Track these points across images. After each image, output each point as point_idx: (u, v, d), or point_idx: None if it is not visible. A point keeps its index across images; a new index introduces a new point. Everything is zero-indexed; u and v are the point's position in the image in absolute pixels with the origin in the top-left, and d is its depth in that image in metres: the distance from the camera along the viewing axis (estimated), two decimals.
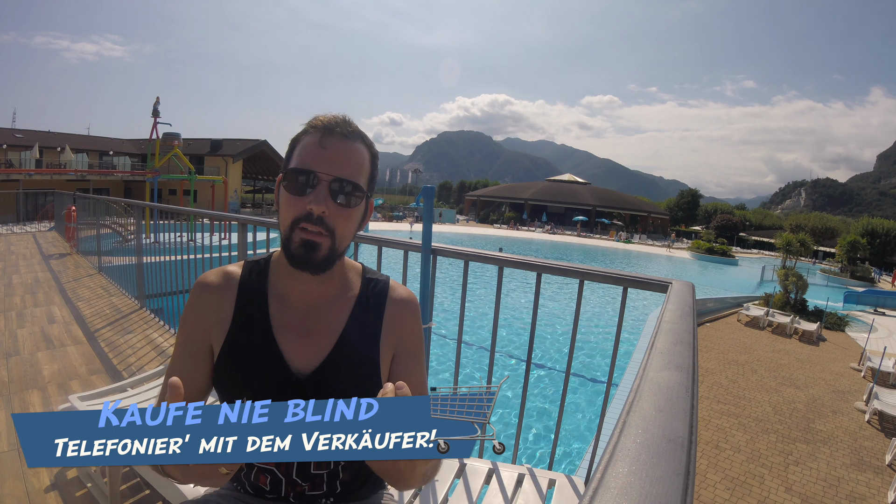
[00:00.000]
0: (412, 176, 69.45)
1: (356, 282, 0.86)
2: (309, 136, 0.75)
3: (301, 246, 0.73)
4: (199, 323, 0.81)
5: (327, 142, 0.74)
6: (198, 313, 0.81)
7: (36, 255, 7.54)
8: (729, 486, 4.94)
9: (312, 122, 0.76)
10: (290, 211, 0.73)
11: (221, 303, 0.81)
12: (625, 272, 1.51)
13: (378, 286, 0.87)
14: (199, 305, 0.81)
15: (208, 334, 0.80)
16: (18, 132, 28.19)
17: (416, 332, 0.87)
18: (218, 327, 0.80)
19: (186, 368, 0.79)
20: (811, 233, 38.30)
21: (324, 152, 0.73)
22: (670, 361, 0.62)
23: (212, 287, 0.82)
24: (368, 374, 0.81)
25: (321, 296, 0.82)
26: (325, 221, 0.72)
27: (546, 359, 7.62)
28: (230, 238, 3.64)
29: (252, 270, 0.84)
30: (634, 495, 0.33)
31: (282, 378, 0.77)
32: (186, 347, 0.81)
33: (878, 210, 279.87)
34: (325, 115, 0.77)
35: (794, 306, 14.08)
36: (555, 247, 30.10)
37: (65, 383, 2.71)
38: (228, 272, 0.84)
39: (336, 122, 0.75)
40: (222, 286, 0.82)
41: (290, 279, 0.80)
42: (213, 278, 0.83)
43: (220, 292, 0.82)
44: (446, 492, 1.36)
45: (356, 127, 0.77)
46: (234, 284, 0.82)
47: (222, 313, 0.81)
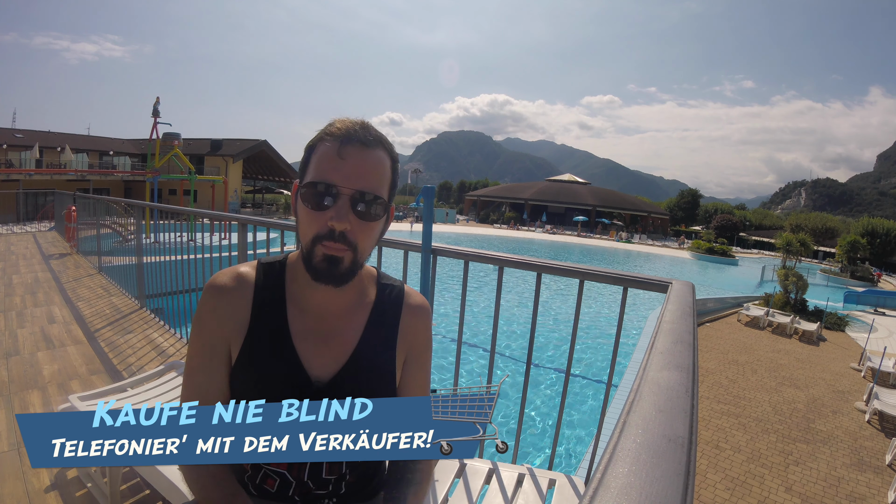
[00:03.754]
0: (412, 176, 69.45)
1: (372, 288, 0.85)
2: (326, 145, 0.71)
3: (323, 261, 0.71)
4: (217, 328, 0.78)
5: (346, 152, 0.70)
6: (215, 318, 0.78)
7: (36, 255, 7.54)
8: (729, 486, 4.94)
9: (329, 129, 0.73)
10: (311, 227, 0.71)
11: (238, 307, 0.79)
12: (625, 272, 1.51)
13: (394, 292, 0.86)
14: (216, 309, 0.79)
15: (226, 340, 0.78)
16: (18, 132, 28.19)
17: (427, 337, 0.88)
18: (236, 332, 0.78)
19: (211, 376, 0.78)
20: (811, 233, 38.30)
21: (343, 163, 0.70)
22: (670, 361, 0.62)
23: (227, 290, 0.79)
24: (385, 380, 0.82)
25: (339, 303, 0.81)
26: (348, 237, 0.70)
27: (546, 359, 7.62)
28: (230, 238, 3.64)
29: (267, 274, 0.82)
30: (634, 495, 0.33)
31: (301, 385, 0.76)
32: (207, 353, 0.78)
33: (878, 210, 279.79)
34: (343, 119, 0.74)
35: (794, 306, 14.08)
36: (555, 247, 30.09)
37: (65, 383, 2.71)
38: (242, 274, 0.81)
39: (355, 129, 0.71)
40: (237, 289, 0.79)
41: (308, 287, 0.78)
42: (227, 281, 0.80)
43: (236, 296, 0.79)
44: (446, 492, 1.36)
45: (376, 132, 0.74)
46: (249, 287, 0.80)
47: (239, 318, 0.78)
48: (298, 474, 0.79)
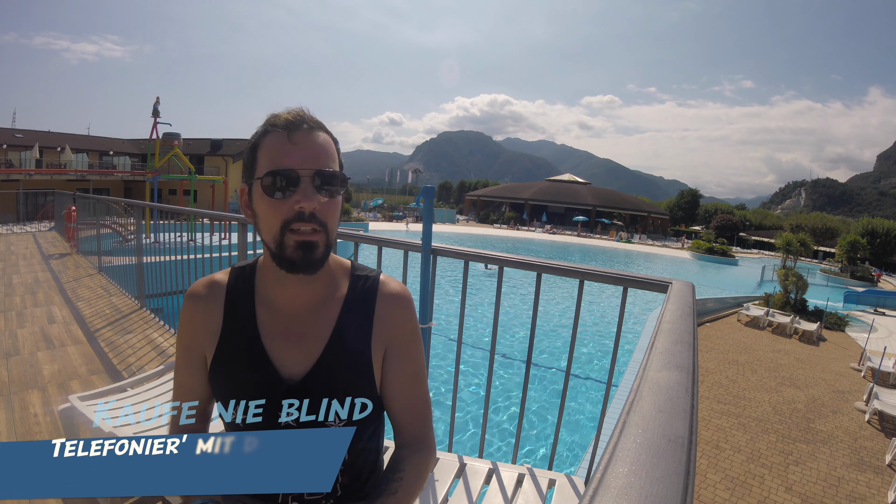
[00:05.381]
0: (412, 176, 69.42)
1: (344, 281, 0.84)
2: (273, 136, 0.72)
3: (298, 248, 0.71)
4: (192, 334, 0.83)
5: (296, 137, 0.72)
6: (190, 324, 0.83)
7: (36, 255, 7.54)
8: (729, 486, 4.94)
9: (272, 121, 0.74)
10: (276, 215, 0.71)
11: (210, 313, 0.82)
12: (625, 272, 1.51)
13: (368, 283, 0.84)
14: (189, 317, 0.83)
15: (201, 345, 0.82)
16: (18, 132, 28.19)
17: (409, 326, 0.85)
18: (209, 337, 0.81)
19: (191, 374, 0.84)
20: (811, 233, 38.29)
21: (295, 148, 0.71)
22: (670, 361, 0.62)
23: (199, 298, 0.83)
24: (361, 375, 0.80)
25: (309, 299, 0.80)
26: (318, 217, 0.71)
27: (544, 359, 7.62)
28: (230, 238, 3.64)
29: (238, 277, 0.84)
30: (634, 495, 0.33)
31: (273, 385, 0.76)
32: (185, 359, 0.84)
33: (878, 210, 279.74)
34: (282, 111, 0.75)
35: (794, 306, 14.08)
36: (555, 247, 30.09)
37: (65, 383, 2.71)
38: (215, 281, 0.84)
39: (299, 116, 0.73)
40: (209, 296, 0.83)
41: (277, 285, 0.79)
42: (199, 289, 0.84)
43: (208, 302, 0.82)
44: (446, 492, 1.36)
45: (315, 117, 0.76)
46: (221, 293, 0.83)
47: (212, 323, 0.81)
48: None
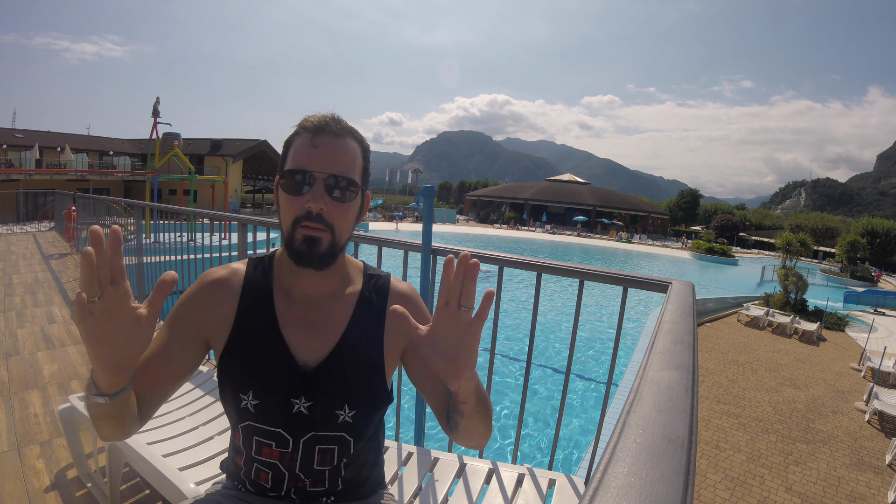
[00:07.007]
0: (412, 176, 69.44)
1: (358, 278, 0.89)
2: (301, 137, 0.77)
3: (303, 242, 0.75)
4: (196, 313, 0.81)
5: (319, 140, 0.76)
6: (198, 303, 0.82)
7: (36, 255, 7.54)
8: (729, 486, 4.94)
9: (303, 124, 0.78)
10: (290, 211, 0.76)
11: (225, 298, 0.82)
12: (625, 272, 1.50)
13: (380, 282, 0.89)
14: (201, 297, 0.82)
15: (203, 327, 0.81)
16: (18, 132, 28.19)
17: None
18: (220, 323, 0.81)
19: (169, 343, 0.77)
20: (811, 233, 38.30)
21: (316, 151, 0.75)
22: (670, 361, 0.62)
23: (217, 282, 0.83)
24: (372, 368, 0.83)
25: (324, 290, 0.84)
26: (324, 217, 0.75)
27: (546, 359, 7.62)
28: (230, 238, 3.64)
29: (256, 267, 0.86)
30: (634, 495, 0.33)
31: (289, 371, 0.79)
32: (174, 327, 0.79)
33: (878, 210, 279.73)
34: (315, 115, 0.79)
35: (794, 306, 14.08)
36: (555, 247, 30.09)
37: (65, 383, 2.71)
38: (233, 268, 0.86)
39: (326, 121, 0.77)
40: (227, 281, 0.84)
41: (293, 275, 0.82)
42: (218, 273, 0.84)
43: (225, 287, 0.83)
44: (446, 492, 1.36)
45: (346, 124, 0.79)
46: (238, 280, 0.84)
47: (225, 309, 0.82)
48: (290, 465, 0.81)
